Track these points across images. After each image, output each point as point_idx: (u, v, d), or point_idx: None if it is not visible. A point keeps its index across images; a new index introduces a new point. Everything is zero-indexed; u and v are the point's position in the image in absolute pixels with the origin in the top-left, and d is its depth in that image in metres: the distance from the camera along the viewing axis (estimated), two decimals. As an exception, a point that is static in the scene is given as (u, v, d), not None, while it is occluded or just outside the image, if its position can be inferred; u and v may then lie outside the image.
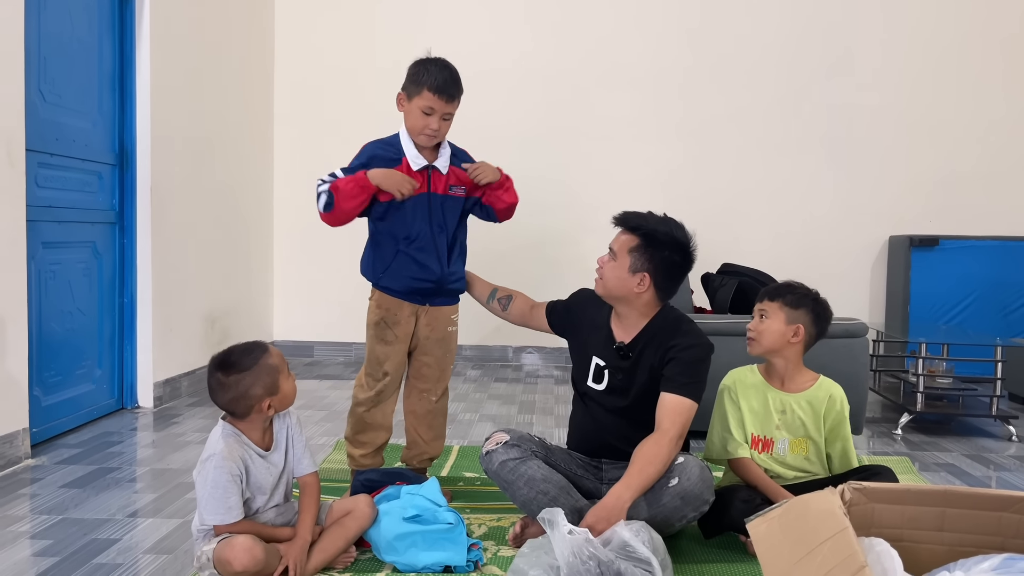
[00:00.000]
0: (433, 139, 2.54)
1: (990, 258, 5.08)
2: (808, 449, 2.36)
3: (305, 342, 5.68)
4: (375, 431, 2.64)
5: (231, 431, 2.06)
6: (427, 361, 2.66)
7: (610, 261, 2.35)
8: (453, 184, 2.60)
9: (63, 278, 3.52)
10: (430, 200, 2.56)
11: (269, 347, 2.10)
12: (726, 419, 2.37)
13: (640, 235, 2.33)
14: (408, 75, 2.54)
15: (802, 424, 2.35)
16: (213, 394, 2.06)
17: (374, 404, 2.62)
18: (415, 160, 2.54)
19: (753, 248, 5.30)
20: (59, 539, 2.35)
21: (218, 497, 1.98)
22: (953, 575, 1.48)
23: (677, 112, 5.50)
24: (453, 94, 2.49)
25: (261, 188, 5.48)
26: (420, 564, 2.12)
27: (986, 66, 5.40)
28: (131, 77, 3.95)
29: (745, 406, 2.37)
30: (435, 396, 2.69)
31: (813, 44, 5.45)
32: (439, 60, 2.53)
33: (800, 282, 2.46)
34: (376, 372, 2.61)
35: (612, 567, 1.86)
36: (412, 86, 2.50)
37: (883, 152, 5.46)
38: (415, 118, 2.50)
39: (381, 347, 2.60)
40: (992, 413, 3.85)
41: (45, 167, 3.38)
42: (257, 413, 2.06)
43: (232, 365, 2.03)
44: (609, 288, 2.36)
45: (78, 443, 3.38)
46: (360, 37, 5.55)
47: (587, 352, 2.45)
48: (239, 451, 2.04)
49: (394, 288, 2.57)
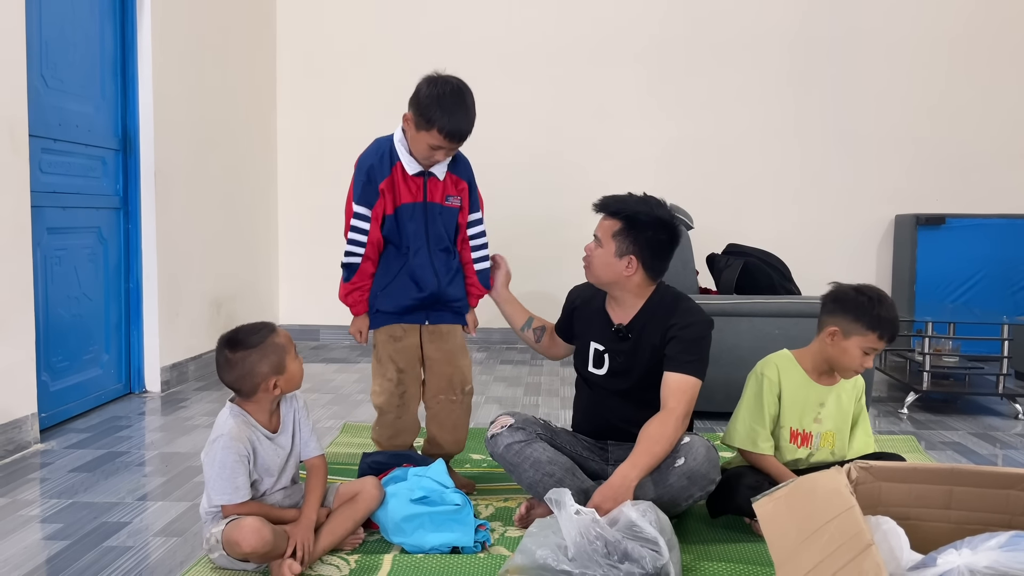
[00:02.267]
0: (436, 163, 2.45)
1: (996, 236, 5.05)
2: (834, 442, 2.35)
3: (311, 326, 5.69)
4: (409, 433, 2.59)
5: (239, 412, 2.08)
6: (436, 357, 2.57)
7: (596, 248, 2.34)
8: (451, 194, 2.51)
9: (69, 264, 3.53)
10: (426, 210, 2.47)
11: (277, 327, 2.11)
12: (758, 411, 2.30)
13: (622, 218, 2.31)
14: (419, 104, 2.31)
15: (834, 416, 2.33)
16: (220, 371, 2.08)
17: (401, 407, 2.54)
18: (411, 165, 2.42)
19: (759, 228, 5.27)
20: (69, 523, 2.37)
21: (226, 477, 2.00)
22: (960, 553, 1.48)
23: (682, 92, 5.47)
24: (465, 134, 2.36)
25: (265, 171, 5.47)
26: (428, 545, 2.13)
27: (993, 44, 5.35)
28: (133, 61, 3.94)
29: (788, 400, 2.31)
30: (453, 395, 2.59)
31: (819, 23, 5.40)
32: (456, 97, 2.32)
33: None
34: (389, 371, 2.52)
35: (619, 547, 1.86)
36: (421, 119, 2.31)
37: (889, 131, 5.42)
38: (420, 148, 2.37)
39: (392, 345, 2.52)
40: (998, 391, 3.84)
41: (48, 152, 3.38)
42: (264, 392, 2.06)
43: (239, 343, 2.04)
44: (598, 275, 2.36)
45: (86, 428, 3.40)
46: (364, 19, 5.52)
47: (585, 338, 2.45)
48: (247, 432, 2.05)
49: (393, 305, 2.49)
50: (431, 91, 2.31)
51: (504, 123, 5.38)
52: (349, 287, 2.52)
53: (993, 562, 1.43)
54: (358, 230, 2.45)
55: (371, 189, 2.43)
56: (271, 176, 5.57)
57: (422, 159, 2.41)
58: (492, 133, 5.41)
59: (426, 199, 2.47)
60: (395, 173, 2.43)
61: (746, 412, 2.33)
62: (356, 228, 2.46)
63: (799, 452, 2.33)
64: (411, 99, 2.35)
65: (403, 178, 2.44)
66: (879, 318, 2.21)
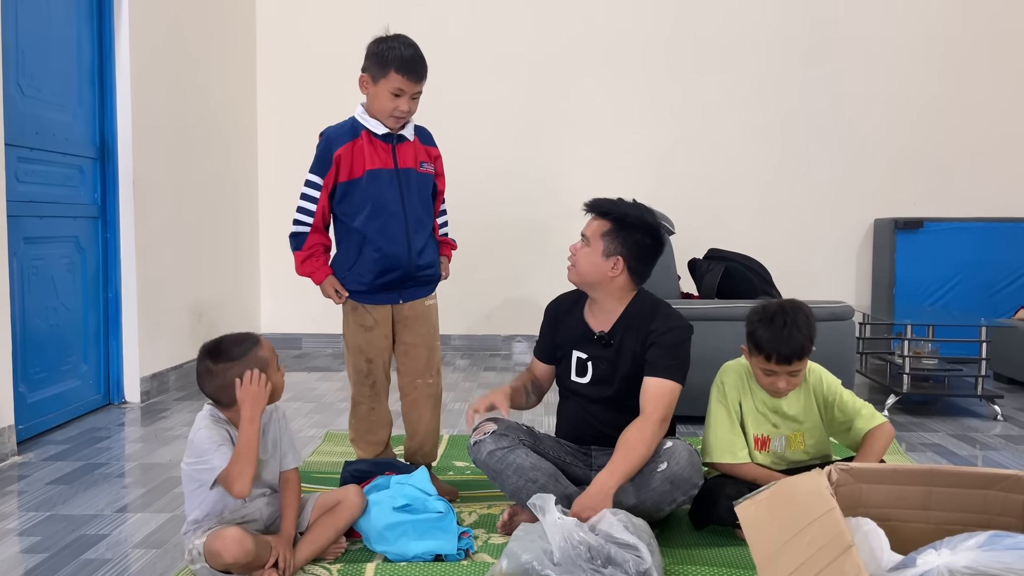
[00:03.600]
0: (402, 120, 2.46)
1: (974, 239, 5.11)
2: (805, 442, 2.33)
3: (293, 334, 5.66)
4: (382, 427, 2.60)
5: (218, 416, 2.06)
6: (412, 341, 2.57)
7: (583, 247, 2.35)
8: (424, 160, 2.53)
9: (46, 273, 3.49)
10: (399, 177, 2.47)
11: (261, 339, 2.09)
12: (728, 420, 2.30)
13: (611, 219, 2.33)
14: (370, 56, 2.42)
15: (795, 419, 2.32)
16: (201, 381, 2.06)
17: (373, 399, 2.55)
18: (377, 127, 2.45)
19: (740, 233, 5.31)
20: (47, 535, 2.34)
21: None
22: (939, 553, 1.49)
23: (661, 98, 5.50)
24: (421, 73, 2.42)
25: (246, 179, 5.45)
26: (411, 553, 2.12)
27: (970, 48, 5.42)
28: (111, 69, 3.91)
29: (744, 406, 2.32)
30: (430, 378, 2.60)
31: (798, 28, 5.44)
32: (401, 37, 2.44)
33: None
34: (359, 362, 2.54)
35: (603, 551, 1.87)
36: (376, 68, 2.40)
37: (868, 135, 5.48)
38: (383, 101, 2.41)
39: (362, 334, 2.52)
40: (977, 393, 3.88)
41: (25, 161, 3.35)
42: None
43: (222, 353, 2.02)
44: (583, 274, 2.36)
45: (65, 439, 3.36)
46: (344, 25, 5.51)
47: (568, 348, 2.44)
48: (225, 436, 2.03)
49: (363, 284, 2.48)
50: (381, 43, 2.42)
51: (484, 129, 5.39)
52: (302, 255, 2.52)
53: (972, 562, 1.45)
54: (308, 198, 2.48)
55: (327, 158, 2.46)
56: (252, 183, 5.55)
57: (387, 115, 2.43)
58: (471, 139, 5.43)
59: (397, 165, 2.47)
60: (359, 140, 2.45)
61: (717, 424, 2.32)
62: (306, 196, 2.48)
63: (760, 457, 2.32)
64: (364, 61, 2.44)
65: (369, 143, 2.45)
66: (763, 339, 2.19)
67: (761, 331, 2.19)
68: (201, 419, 2.05)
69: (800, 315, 2.21)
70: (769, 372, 2.22)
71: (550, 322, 2.51)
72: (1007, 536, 1.50)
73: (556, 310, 2.51)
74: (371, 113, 2.46)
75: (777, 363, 2.19)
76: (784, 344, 2.17)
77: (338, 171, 2.45)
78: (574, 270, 2.37)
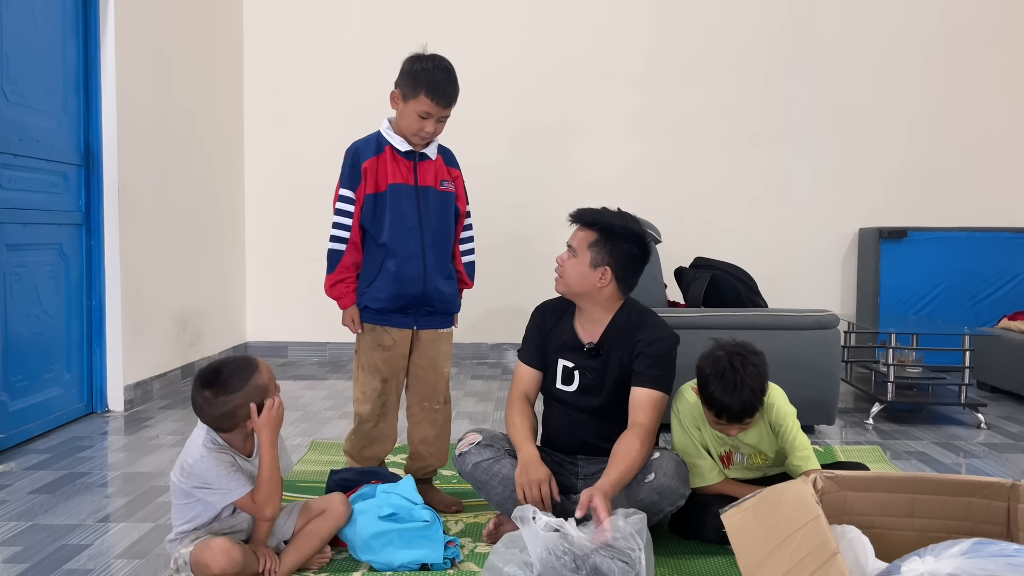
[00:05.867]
0: (427, 141, 2.48)
1: (958, 249, 5.16)
2: (768, 459, 2.34)
3: (279, 342, 5.64)
4: (381, 444, 2.58)
5: (213, 439, 2.03)
6: (420, 364, 2.57)
7: (570, 258, 2.34)
8: (444, 179, 2.53)
9: (29, 281, 3.46)
10: (418, 195, 2.48)
11: (259, 365, 2.05)
12: (690, 445, 2.32)
13: (598, 229, 2.32)
14: (404, 74, 2.43)
15: (753, 446, 2.32)
16: (199, 411, 2.01)
17: (380, 417, 2.53)
18: (401, 144, 2.47)
19: (726, 242, 5.33)
20: (28, 545, 2.31)
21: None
22: (924, 560, 1.49)
23: (648, 107, 5.52)
24: (452, 97, 2.42)
25: (232, 186, 5.42)
26: (397, 562, 2.11)
27: (955, 58, 5.47)
28: (96, 75, 3.89)
29: (705, 434, 2.32)
30: (436, 404, 2.60)
31: (782, 39, 5.49)
32: (436, 59, 2.43)
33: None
34: (373, 380, 2.51)
35: (588, 561, 1.85)
36: (408, 87, 2.40)
37: (852, 145, 5.52)
38: (410, 120, 2.42)
39: (378, 353, 2.50)
40: (961, 401, 3.90)
41: (8, 168, 3.32)
42: (243, 427, 2.04)
43: (222, 384, 1.99)
44: (571, 285, 2.35)
45: (47, 448, 3.33)
46: (330, 32, 5.51)
47: (554, 356, 2.42)
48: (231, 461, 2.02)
49: (380, 301, 2.47)
50: (416, 63, 2.43)
51: (473, 138, 5.39)
52: (334, 278, 2.51)
53: (956, 569, 1.45)
54: (343, 212, 2.47)
55: (356, 172, 2.46)
56: (238, 191, 5.53)
57: (412, 134, 2.44)
58: (461, 147, 5.43)
59: (417, 183, 2.48)
60: (383, 155, 2.46)
61: (683, 451, 2.33)
62: (341, 211, 2.47)
63: (733, 472, 2.33)
64: (398, 77, 2.45)
65: (392, 158, 2.47)
66: (712, 397, 2.17)
67: (712, 387, 2.15)
68: (200, 443, 2.00)
69: (750, 368, 2.14)
70: (717, 423, 2.23)
71: (539, 327, 2.47)
72: (991, 543, 1.51)
73: (544, 315, 2.48)
74: (397, 129, 2.48)
75: (728, 421, 2.19)
76: (735, 404, 2.14)
77: (366, 183, 2.45)
78: (562, 281, 2.36)
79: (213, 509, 2.00)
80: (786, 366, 3.09)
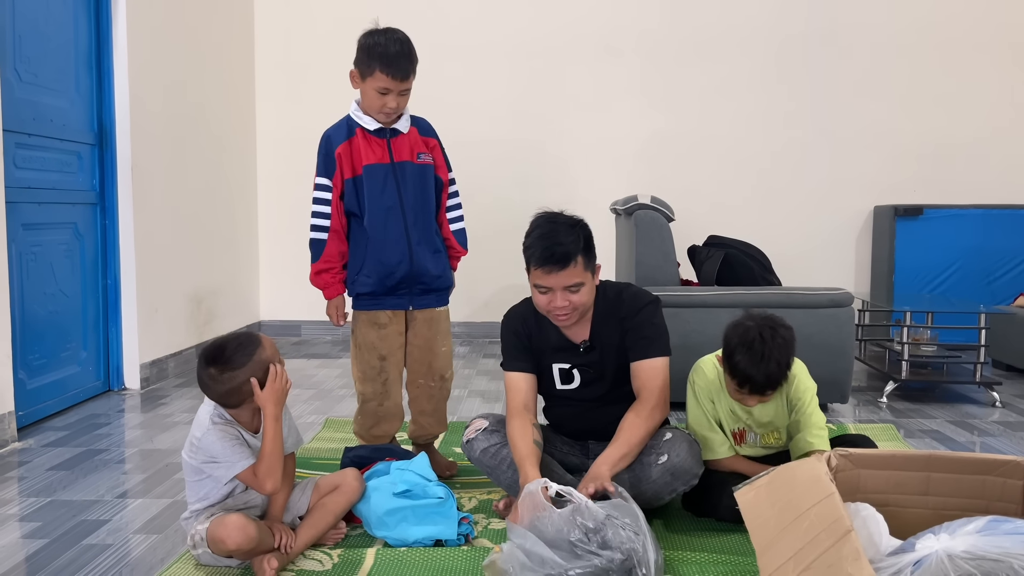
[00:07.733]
0: (392, 116, 2.45)
1: (974, 227, 5.11)
2: (781, 439, 2.33)
3: (292, 321, 5.66)
4: (389, 422, 2.60)
5: (220, 414, 2.05)
6: (415, 343, 2.59)
7: (577, 291, 2.19)
8: (421, 152, 2.50)
9: (45, 260, 3.49)
10: (396, 171, 2.45)
11: (262, 339, 2.07)
12: (702, 418, 2.30)
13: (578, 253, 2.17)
14: (358, 51, 2.40)
15: (768, 424, 2.31)
16: (205, 388, 2.03)
17: (384, 396, 2.55)
18: (370, 123, 2.44)
19: (739, 220, 5.29)
20: (48, 521, 2.35)
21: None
22: (938, 538, 1.49)
23: (662, 84, 5.47)
24: (408, 70, 2.39)
25: (245, 164, 5.43)
26: (411, 539, 2.12)
27: (970, 36, 5.39)
28: (108, 55, 3.89)
29: (719, 408, 2.31)
30: (432, 381, 2.63)
31: (798, 14, 5.42)
32: (390, 32, 2.40)
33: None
34: (371, 358, 2.53)
35: (598, 535, 1.85)
36: (363, 65, 2.39)
37: (868, 122, 5.46)
38: (371, 98, 2.40)
39: (373, 331, 2.52)
40: (976, 380, 3.88)
41: (23, 148, 3.34)
42: (250, 403, 2.05)
43: (226, 361, 2.00)
44: (585, 308, 2.25)
45: (65, 425, 3.37)
46: (345, 12, 5.48)
47: (545, 362, 2.37)
48: (238, 435, 2.04)
49: (369, 285, 2.47)
50: (368, 37, 2.42)
51: (485, 116, 5.37)
52: (318, 267, 2.51)
53: (971, 547, 1.45)
54: (320, 201, 2.47)
55: (330, 159, 2.46)
56: (251, 170, 5.53)
57: (376, 111, 2.42)
58: (470, 124, 5.42)
59: (393, 159, 2.46)
60: (355, 138, 2.45)
61: (696, 424, 2.32)
62: (318, 199, 2.47)
63: (745, 449, 2.33)
64: (355, 56, 2.43)
65: (364, 139, 2.45)
66: (738, 367, 2.13)
67: (738, 356, 2.13)
68: (206, 420, 2.03)
69: (779, 340, 2.12)
70: (738, 393, 2.22)
71: (518, 333, 2.37)
72: (1006, 521, 1.51)
73: (519, 322, 2.39)
74: (364, 109, 2.46)
75: (751, 392, 2.17)
76: (759, 375, 2.11)
77: (342, 169, 2.44)
78: (575, 314, 2.23)
79: (220, 484, 2.02)
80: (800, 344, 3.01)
